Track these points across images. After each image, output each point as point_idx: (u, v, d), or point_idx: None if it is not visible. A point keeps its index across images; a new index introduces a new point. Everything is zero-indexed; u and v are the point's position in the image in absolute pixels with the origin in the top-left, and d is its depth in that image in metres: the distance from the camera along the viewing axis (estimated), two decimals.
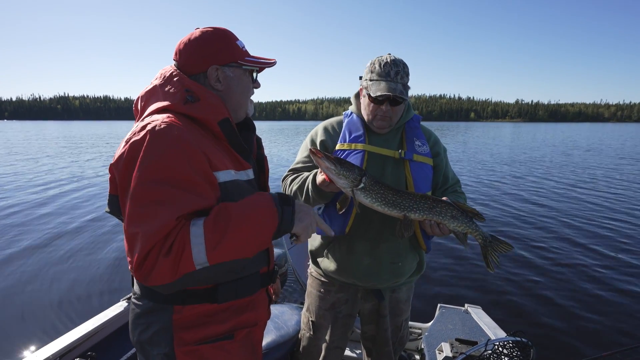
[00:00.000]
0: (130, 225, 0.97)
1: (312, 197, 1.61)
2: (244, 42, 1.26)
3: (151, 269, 0.94)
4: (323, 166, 1.42)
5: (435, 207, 1.49)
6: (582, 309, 4.00)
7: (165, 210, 0.96)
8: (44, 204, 8.53)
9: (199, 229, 0.97)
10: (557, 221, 7.23)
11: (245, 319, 1.21)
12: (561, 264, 5.20)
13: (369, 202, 1.49)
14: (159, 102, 1.13)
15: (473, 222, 1.51)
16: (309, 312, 1.94)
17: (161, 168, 0.98)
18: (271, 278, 1.32)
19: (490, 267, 1.54)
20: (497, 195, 9.54)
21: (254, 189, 1.23)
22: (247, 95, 1.25)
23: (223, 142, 1.17)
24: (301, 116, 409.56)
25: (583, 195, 9.70)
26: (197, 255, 0.96)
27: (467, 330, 2.25)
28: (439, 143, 1.85)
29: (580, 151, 23.25)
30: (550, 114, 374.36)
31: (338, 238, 1.75)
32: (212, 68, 1.17)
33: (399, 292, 1.90)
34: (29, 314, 3.91)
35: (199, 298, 1.13)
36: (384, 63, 1.62)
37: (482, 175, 12.89)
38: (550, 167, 15.24)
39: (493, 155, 20.23)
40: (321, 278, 1.88)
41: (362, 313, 1.94)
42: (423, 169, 1.73)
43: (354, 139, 1.71)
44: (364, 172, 1.45)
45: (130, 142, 1.02)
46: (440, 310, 2.50)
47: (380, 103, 1.63)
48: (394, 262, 1.75)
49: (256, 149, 1.36)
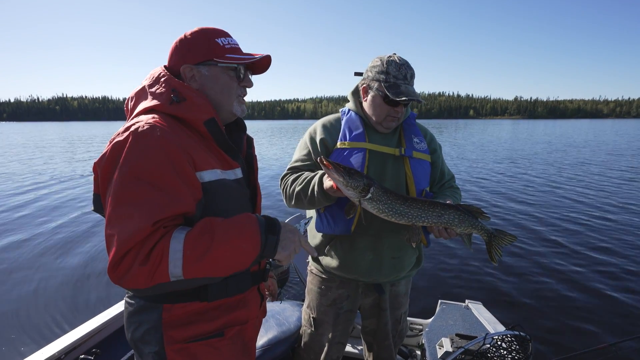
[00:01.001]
0: (108, 226, 0.98)
1: (318, 199, 1.60)
2: (237, 41, 1.24)
3: (125, 273, 0.95)
4: (332, 177, 1.43)
5: (443, 214, 1.51)
6: (582, 304, 4.03)
7: (141, 213, 0.96)
8: (43, 204, 8.55)
9: (179, 244, 0.97)
10: (559, 216, 7.25)
11: (236, 316, 1.22)
12: (562, 258, 5.23)
13: (376, 211, 1.51)
14: (147, 102, 1.15)
15: (478, 221, 1.54)
16: (309, 309, 1.96)
17: (140, 169, 0.99)
18: (262, 276, 1.33)
19: (494, 259, 1.57)
20: (496, 192, 9.57)
21: (242, 189, 1.24)
22: (227, 94, 1.22)
23: (210, 142, 1.17)
24: (300, 115, 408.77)
25: (588, 189, 9.72)
26: (173, 269, 0.97)
27: (467, 325, 2.27)
28: (435, 140, 1.90)
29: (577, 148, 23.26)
30: (549, 111, 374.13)
31: (340, 235, 1.76)
32: (185, 67, 1.18)
33: (398, 286, 1.93)
34: (32, 313, 3.92)
35: (189, 297, 1.13)
36: (400, 65, 1.65)
37: (479, 172, 12.91)
38: (548, 164, 15.26)
39: (490, 152, 20.26)
40: (321, 275, 1.90)
41: (363, 308, 1.96)
42: (422, 165, 1.76)
43: (355, 137, 1.72)
44: (372, 183, 1.46)
45: (113, 142, 1.04)
46: (440, 306, 2.52)
47: (396, 105, 1.66)
48: (395, 257, 1.77)
49: (246, 148, 1.36)
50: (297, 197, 1.67)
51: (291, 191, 1.70)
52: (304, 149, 1.80)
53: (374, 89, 1.69)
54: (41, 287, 4.53)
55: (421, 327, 2.74)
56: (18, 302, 4.14)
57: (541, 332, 3.52)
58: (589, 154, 19.25)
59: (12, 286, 4.54)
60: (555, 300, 4.14)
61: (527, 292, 4.30)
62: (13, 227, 6.83)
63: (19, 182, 11.48)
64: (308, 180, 1.65)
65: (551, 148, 23.07)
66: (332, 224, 1.72)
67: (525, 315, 3.85)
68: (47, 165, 15.63)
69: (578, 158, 17.46)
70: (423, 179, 1.75)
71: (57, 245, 5.94)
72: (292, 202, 1.72)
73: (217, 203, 1.15)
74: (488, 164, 15.55)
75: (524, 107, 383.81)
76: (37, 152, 22.15)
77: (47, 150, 22.97)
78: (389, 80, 1.64)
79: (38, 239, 6.19)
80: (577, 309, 3.93)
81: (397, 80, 1.63)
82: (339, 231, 1.71)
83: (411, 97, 1.60)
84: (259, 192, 1.38)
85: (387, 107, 1.67)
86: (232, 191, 1.18)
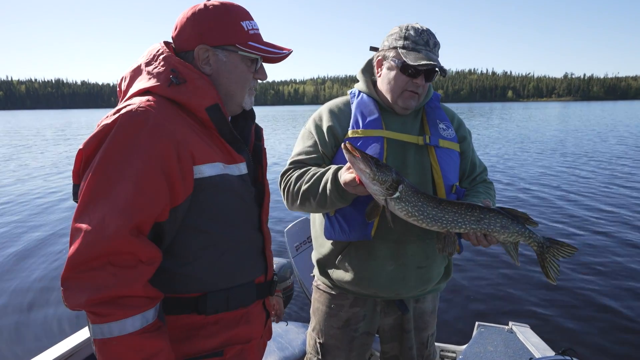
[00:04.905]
0: (77, 218, 1.03)
1: (330, 200, 1.60)
2: (257, 24, 1.28)
3: (72, 288, 1.01)
4: (357, 167, 1.44)
5: (483, 218, 1.52)
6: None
7: (115, 217, 1.02)
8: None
9: (132, 327, 1.04)
10: (622, 220, 7.22)
11: (237, 334, 1.26)
12: (630, 272, 5.18)
13: (404, 214, 1.52)
14: (142, 82, 1.19)
15: (526, 228, 1.54)
16: (315, 333, 1.96)
17: (124, 163, 1.04)
18: (269, 289, 1.37)
19: (550, 277, 1.57)
20: (543, 190, 9.54)
21: (247, 186, 1.28)
22: (241, 85, 1.28)
23: (212, 131, 1.22)
24: (298, 100, 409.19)
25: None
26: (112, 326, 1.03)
27: (510, 353, 2.28)
28: (464, 125, 1.91)
29: None
30: (607, 91, 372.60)
31: (355, 242, 1.77)
32: (201, 48, 1.21)
33: (424, 302, 1.93)
34: (35, 313, 4.38)
35: (184, 308, 1.18)
36: (421, 30, 1.67)
37: (518, 166, 12.87)
38: (609, 156, 15.18)
39: (535, 142, 20.19)
40: (330, 291, 1.91)
41: (382, 329, 1.96)
42: (450, 155, 1.77)
43: (369, 124, 1.73)
44: (401, 180, 1.47)
45: (101, 124, 1.09)
46: (478, 330, 2.54)
47: (416, 76, 1.67)
48: (421, 267, 1.78)
49: (254, 139, 1.41)
50: (304, 197, 1.68)
51: (296, 190, 1.70)
52: (308, 139, 1.81)
53: (389, 58, 1.71)
54: (30, 294, 4.84)
55: (454, 355, 2.74)
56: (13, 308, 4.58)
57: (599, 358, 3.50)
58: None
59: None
60: (622, 322, 4.10)
61: (588, 311, 4.27)
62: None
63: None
64: (318, 177, 1.64)
65: (616, 136, 22.90)
66: (347, 228, 1.72)
67: (582, 339, 3.83)
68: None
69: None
70: (452, 173, 1.76)
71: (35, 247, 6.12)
72: (297, 204, 1.73)
73: (216, 202, 1.19)
74: (532, 155, 15.51)
75: (575, 87, 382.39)
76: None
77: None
78: (407, 47, 1.66)
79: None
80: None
81: (416, 46, 1.65)
82: (355, 237, 1.71)
83: (429, 62, 1.61)
84: (267, 190, 1.42)
85: (405, 78, 1.68)
86: (234, 189, 1.22)
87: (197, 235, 1.20)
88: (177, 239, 1.19)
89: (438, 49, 1.71)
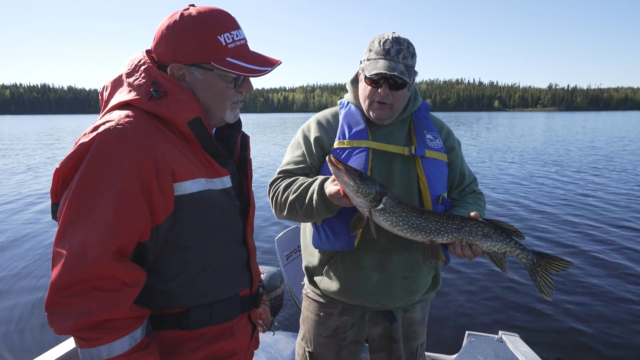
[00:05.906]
0: (57, 241, 1.03)
1: (316, 210, 1.62)
2: (244, 33, 1.23)
3: (57, 314, 1.01)
4: (341, 180, 1.46)
5: (464, 226, 1.54)
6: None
7: (95, 239, 1.02)
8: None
9: (120, 349, 1.05)
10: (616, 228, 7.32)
11: (221, 348, 1.25)
12: (622, 279, 5.23)
13: (388, 225, 1.54)
14: (122, 95, 1.17)
15: (511, 239, 1.55)
16: (304, 341, 1.96)
17: (101, 182, 1.03)
18: (254, 302, 1.37)
19: (544, 292, 1.56)
20: (530, 200, 9.65)
21: (231, 199, 1.27)
22: (220, 102, 1.24)
23: (194, 145, 1.20)
24: (288, 107, 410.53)
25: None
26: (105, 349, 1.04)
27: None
28: (452, 135, 1.92)
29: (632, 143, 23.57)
30: (590, 101, 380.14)
31: (342, 252, 1.78)
32: (174, 66, 1.18)
33: (413, 312, 1.93)
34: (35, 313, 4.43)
35: (167, 324, 1.17)
36: (384, 40, 1.67)
37: (506, 175, 13.03)
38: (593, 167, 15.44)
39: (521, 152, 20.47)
40: (319, 299, 1.91)
41: (371, 339, 1.96)
42: (437, 166, 1.78)
43: (355, 134, 1.74)
44: (385, 191, 1.50)
45: (79, 143, 1.07)
46: (468, 339, 2.54)
47: (378, 85, 1.67)
48: (407, 277, 1.78)
49: (239, 150, 1.38)
50: (291, 206, 1.69)
51: (283, 199, 1.71)
52: (297, 150, 1.83)
53: (361, 71, 1.74)
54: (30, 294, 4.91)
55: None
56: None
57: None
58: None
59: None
60: (610, 332, 4.13)
61: (578, 321, 4.30)
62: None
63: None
64: (305, 187, 1.66)
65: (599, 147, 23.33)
66: (332, 238, 1.74)
67: (573, 349, 3.85)
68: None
69: (632, 159, 17.66)
70: (439, 183, 1.77)
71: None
72: (284, 213, 1.74)
73: (199, 218, 1.18)
74: (522, 165, 15.70)
75: (559, 97, 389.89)
76: None
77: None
78: (370, 58, 1.68)
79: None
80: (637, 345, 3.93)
81: (377, 57, 1.66)
82: (339, 247, 1.73)
83: (380, 72, 1.60)
84: (252, 203, 1.40)
85: (371, 89, 1.70)
86: (217, 204, 1.21)
87: (178, 251, 1.18)
88: (159, 256, 1.17)
89: (405, 57, 1.65)
